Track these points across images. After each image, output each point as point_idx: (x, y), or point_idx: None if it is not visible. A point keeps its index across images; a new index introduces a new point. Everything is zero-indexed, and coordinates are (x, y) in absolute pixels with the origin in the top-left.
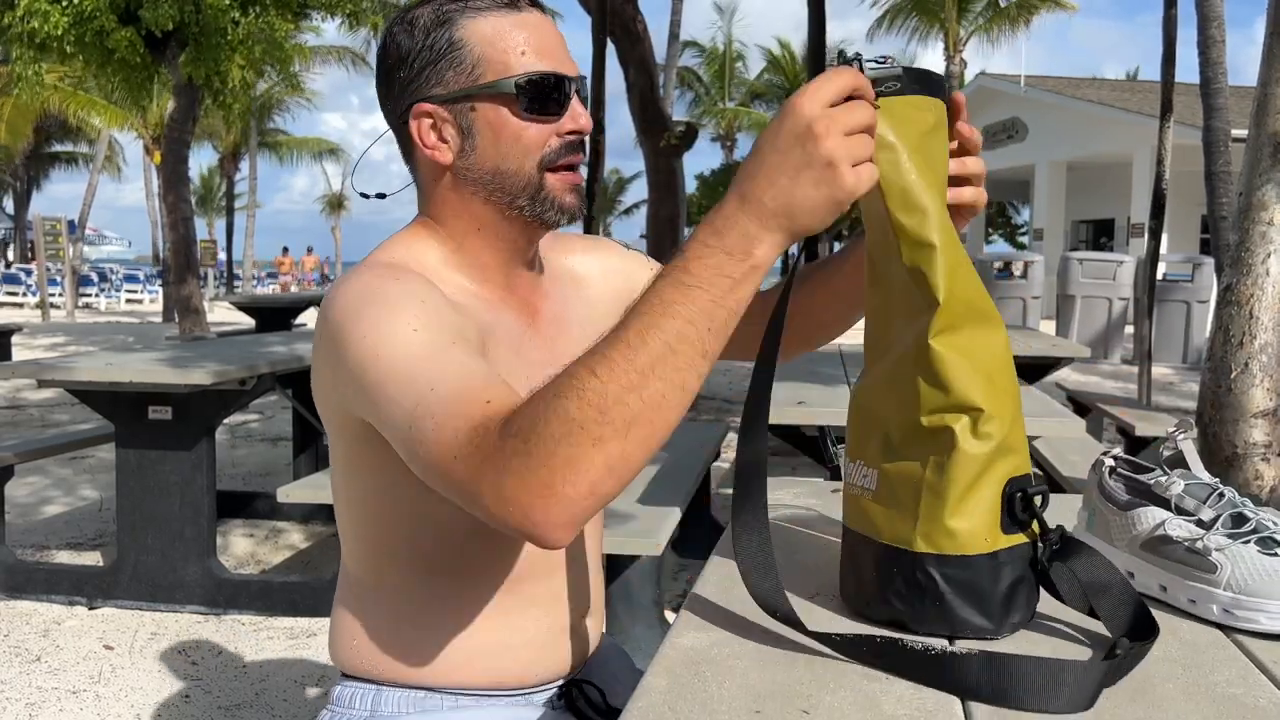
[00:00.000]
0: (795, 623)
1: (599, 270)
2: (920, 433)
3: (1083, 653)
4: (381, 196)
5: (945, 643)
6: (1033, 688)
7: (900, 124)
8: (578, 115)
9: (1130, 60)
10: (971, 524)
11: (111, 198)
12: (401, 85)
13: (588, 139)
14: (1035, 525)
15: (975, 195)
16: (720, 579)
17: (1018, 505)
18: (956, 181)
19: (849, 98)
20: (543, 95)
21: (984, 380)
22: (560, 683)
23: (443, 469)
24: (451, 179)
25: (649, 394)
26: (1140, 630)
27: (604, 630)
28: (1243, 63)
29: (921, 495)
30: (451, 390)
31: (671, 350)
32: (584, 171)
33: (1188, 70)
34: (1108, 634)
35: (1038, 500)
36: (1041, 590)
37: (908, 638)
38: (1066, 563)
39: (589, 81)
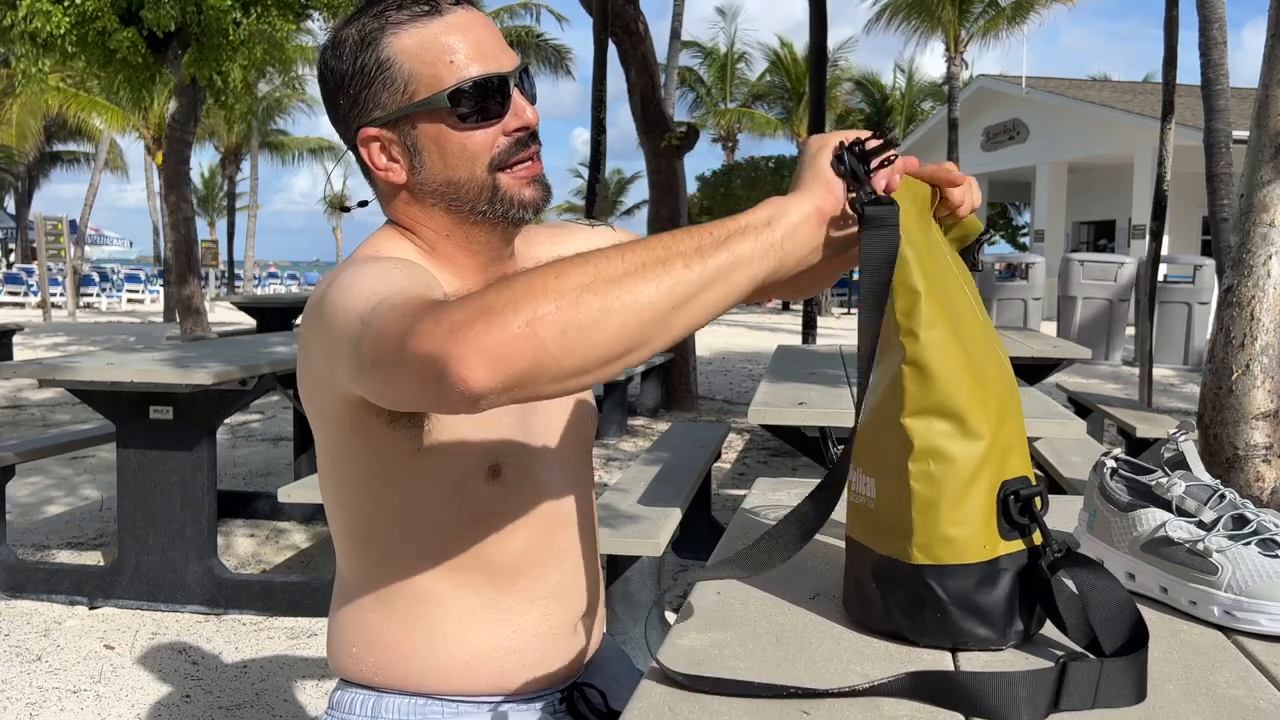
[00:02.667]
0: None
1: (568, 252)
2: (905, 436)
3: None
4: (364, 204)
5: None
6: (1028, 700)
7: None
8: (521, 110)
9: (1129, 62)
10: (968, 531)
11: (113, 198)
12: (345, 110)
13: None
14: (1038, 533)
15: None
16: (721, 580)
17: (1014, 508)
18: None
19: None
20: (479, 100)
21: (973, 379)
22: (562, 687)
23: (382, 339)
24: (409, 195)
25: (609, 270)
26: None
27: (604, 632)
28: (1233, 65)
29: (914, 505)
30: (413, 288)
31: (646, 247)
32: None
33: (1189, 72)
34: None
35: (1037, 502)
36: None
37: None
38: (1070, 573)
39: (592, 80)
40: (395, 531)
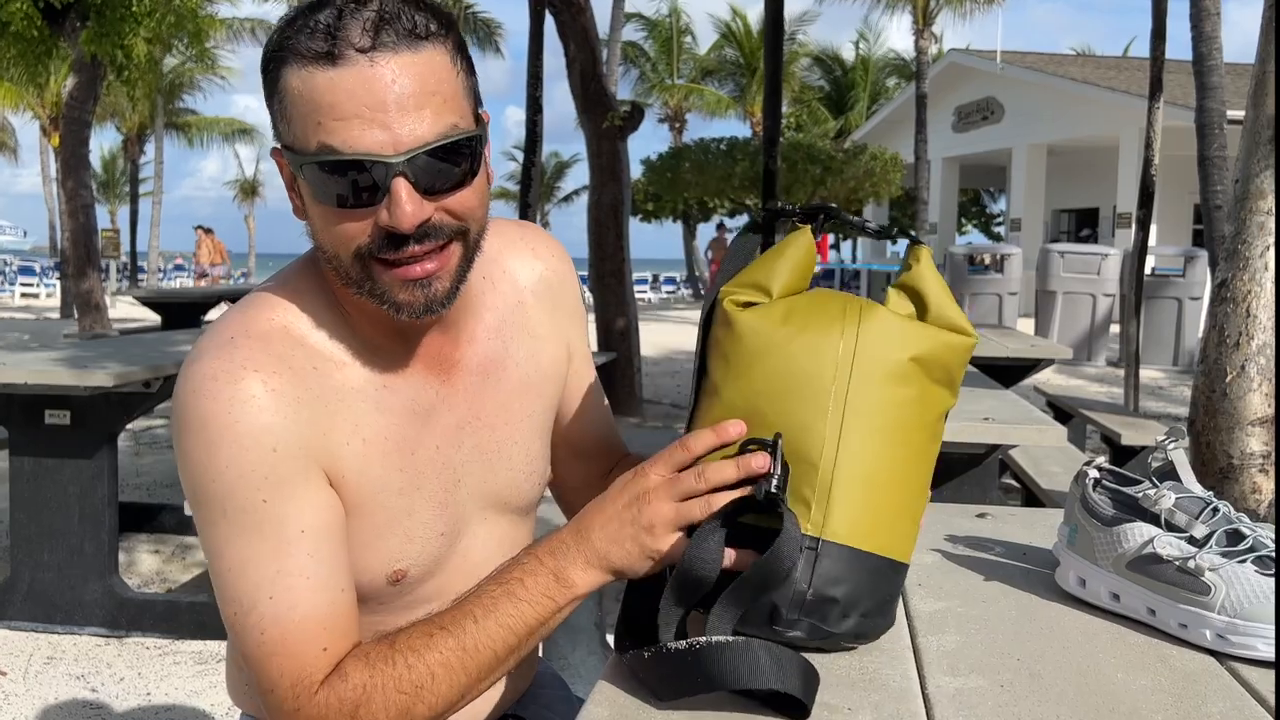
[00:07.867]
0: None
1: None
2: None
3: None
4: None
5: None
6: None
7: None
8: (399, 207)
9: (1105, 37)
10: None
11: (5, 183)
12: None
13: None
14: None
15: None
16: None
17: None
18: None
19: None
20: (343, 182)
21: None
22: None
23: (259, 685)
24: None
25: (455, 682)
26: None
27: (539, 658)
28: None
29: None
30: (287, 614)
31: (496, 656)
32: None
33: (1178, 46)
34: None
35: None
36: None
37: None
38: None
39: (528, 55)
40: None
